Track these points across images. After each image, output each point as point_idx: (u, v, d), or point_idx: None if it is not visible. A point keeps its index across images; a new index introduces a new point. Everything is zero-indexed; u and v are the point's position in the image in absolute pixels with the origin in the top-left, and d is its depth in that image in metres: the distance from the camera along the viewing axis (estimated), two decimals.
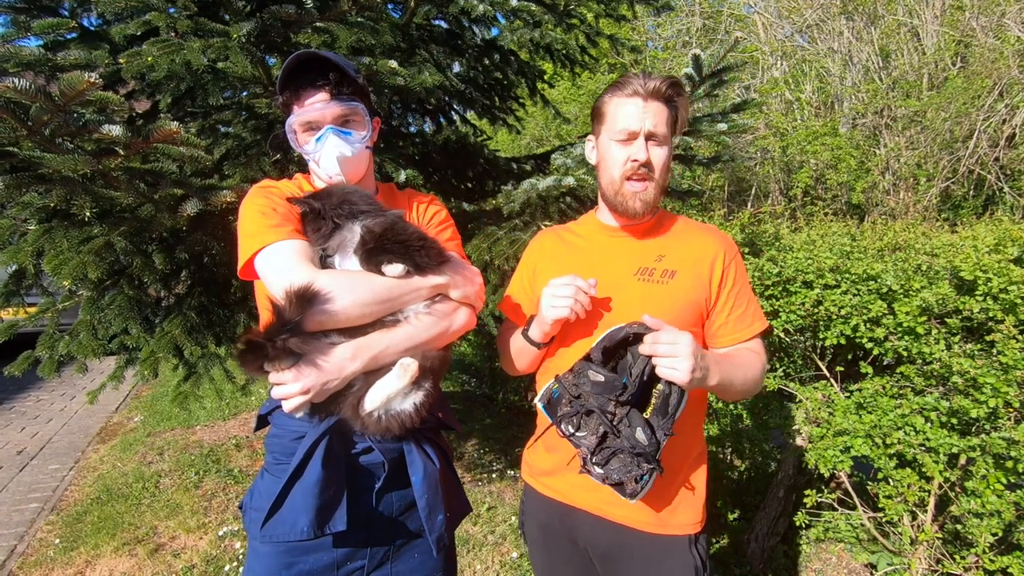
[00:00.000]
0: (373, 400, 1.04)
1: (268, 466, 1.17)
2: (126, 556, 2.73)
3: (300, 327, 0.94)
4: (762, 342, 1.24)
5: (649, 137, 1.15)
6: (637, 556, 1.19)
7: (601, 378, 1.03)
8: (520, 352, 1.29)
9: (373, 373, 1.05)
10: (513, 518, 3.03)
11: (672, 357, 0.96)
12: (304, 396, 0.97)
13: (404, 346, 1.06)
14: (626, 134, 1.15)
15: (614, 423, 1.02)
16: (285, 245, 1.04)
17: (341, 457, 1.09)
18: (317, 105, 1.12)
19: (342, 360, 1.01)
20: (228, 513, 3.14)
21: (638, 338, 1.02)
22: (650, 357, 0.99)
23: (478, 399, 4.95)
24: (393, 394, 1.05)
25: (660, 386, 1.03)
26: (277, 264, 1.02)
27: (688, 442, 1.21)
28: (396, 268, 1.04)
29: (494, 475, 3.55)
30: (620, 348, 1.06)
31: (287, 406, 0.98)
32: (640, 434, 1.00)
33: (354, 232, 1.07)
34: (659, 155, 1.16)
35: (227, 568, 2.63)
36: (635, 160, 1.14)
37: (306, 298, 0.94)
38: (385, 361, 1.05)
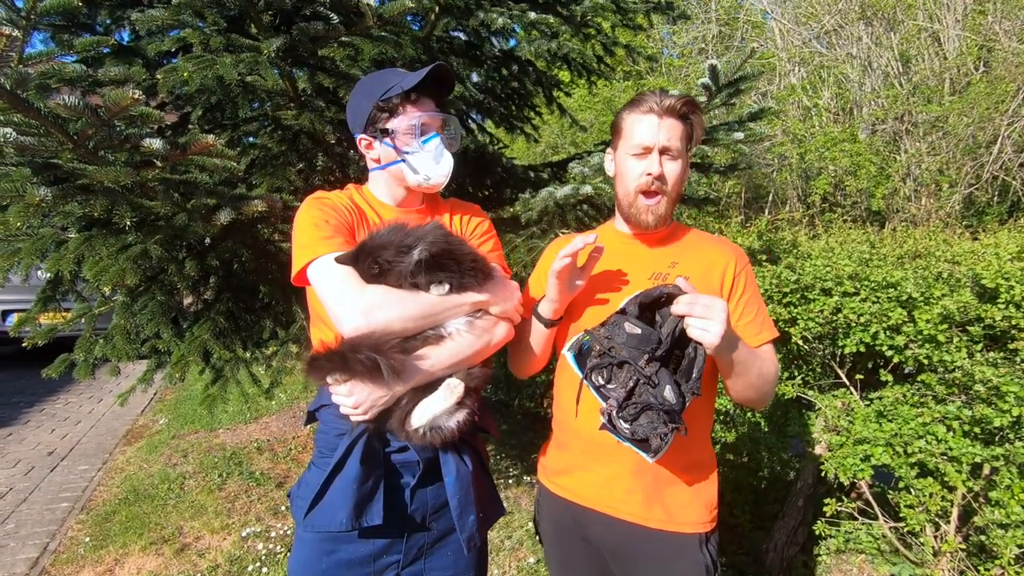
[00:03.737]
0: (420, 418, 1.10)
1: (315, 459, 1.24)
2: (153, 555, 2.80)
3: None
4: (774, 351, 1.27)
5: (663, 151, 1.20)
6: (648, 554, 1.21)
7: (638, 331, 1.05)
8: (531, 334, 1.30)
9: (420, 390, 1.11)
10: (530, 524, 3.04)
11: (706, 319, 0.99)
12: (354, 410, 1.07)
13: (448, 363, 1.11)
14: (641, 148, 1.21)
15: (646, 377, 1.05)
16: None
17: (379, 454, 1.14)
18: (434, 112, 1.22)
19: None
20: (251, 515, 3.20)
21: (670, 300, 1.06)
22: (681, 318, 1.02)
23: (494, 406, 4.97)
24: (439, 413, 1.10)
25: (687, 350, 1.06)
26: (328, 276, 1.07)
27: (698, 448, 1.25)
28: (442, 288, 1.09)
29: (510, 481, 3.57)
30: (649, 310, 1.09)
31: (342, 410, 1.10)
32: (668, 392, 1.03)
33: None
34: (673, 169, 1.22)
35: (250, 568, 2.68)
36: (649, 173, 1.20)
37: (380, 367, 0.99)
38: (431, 379, 1.11)
